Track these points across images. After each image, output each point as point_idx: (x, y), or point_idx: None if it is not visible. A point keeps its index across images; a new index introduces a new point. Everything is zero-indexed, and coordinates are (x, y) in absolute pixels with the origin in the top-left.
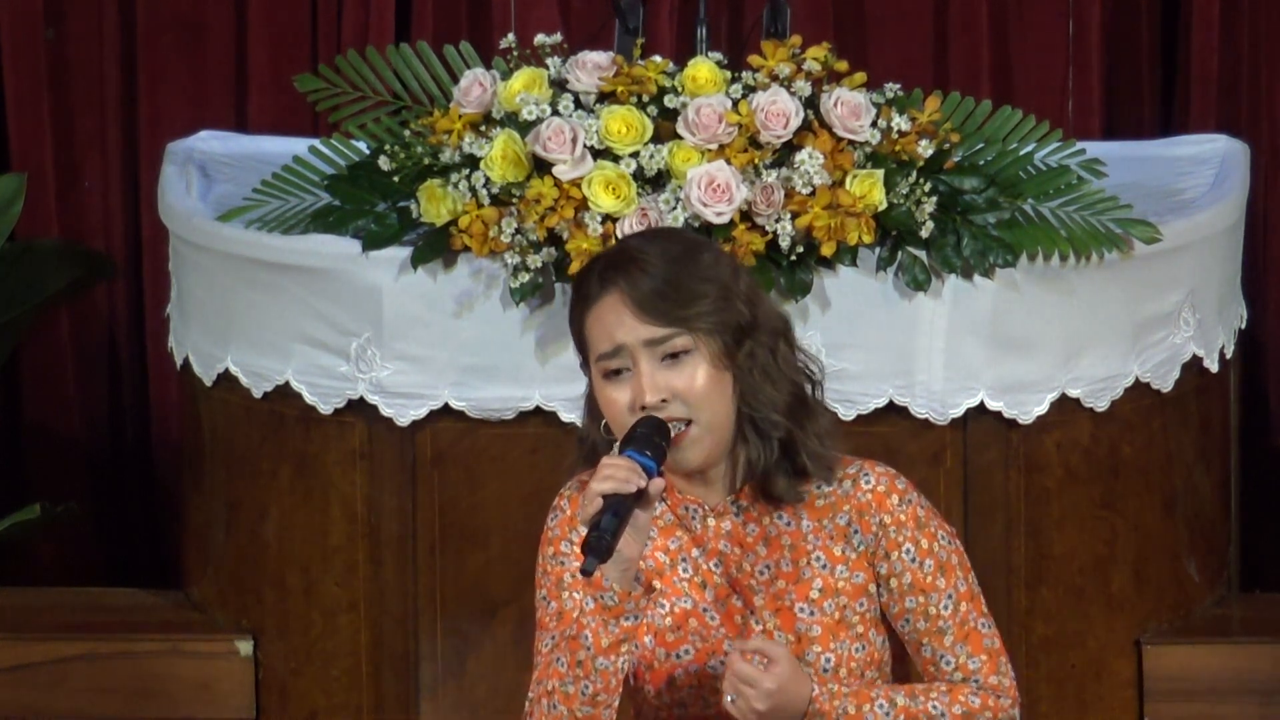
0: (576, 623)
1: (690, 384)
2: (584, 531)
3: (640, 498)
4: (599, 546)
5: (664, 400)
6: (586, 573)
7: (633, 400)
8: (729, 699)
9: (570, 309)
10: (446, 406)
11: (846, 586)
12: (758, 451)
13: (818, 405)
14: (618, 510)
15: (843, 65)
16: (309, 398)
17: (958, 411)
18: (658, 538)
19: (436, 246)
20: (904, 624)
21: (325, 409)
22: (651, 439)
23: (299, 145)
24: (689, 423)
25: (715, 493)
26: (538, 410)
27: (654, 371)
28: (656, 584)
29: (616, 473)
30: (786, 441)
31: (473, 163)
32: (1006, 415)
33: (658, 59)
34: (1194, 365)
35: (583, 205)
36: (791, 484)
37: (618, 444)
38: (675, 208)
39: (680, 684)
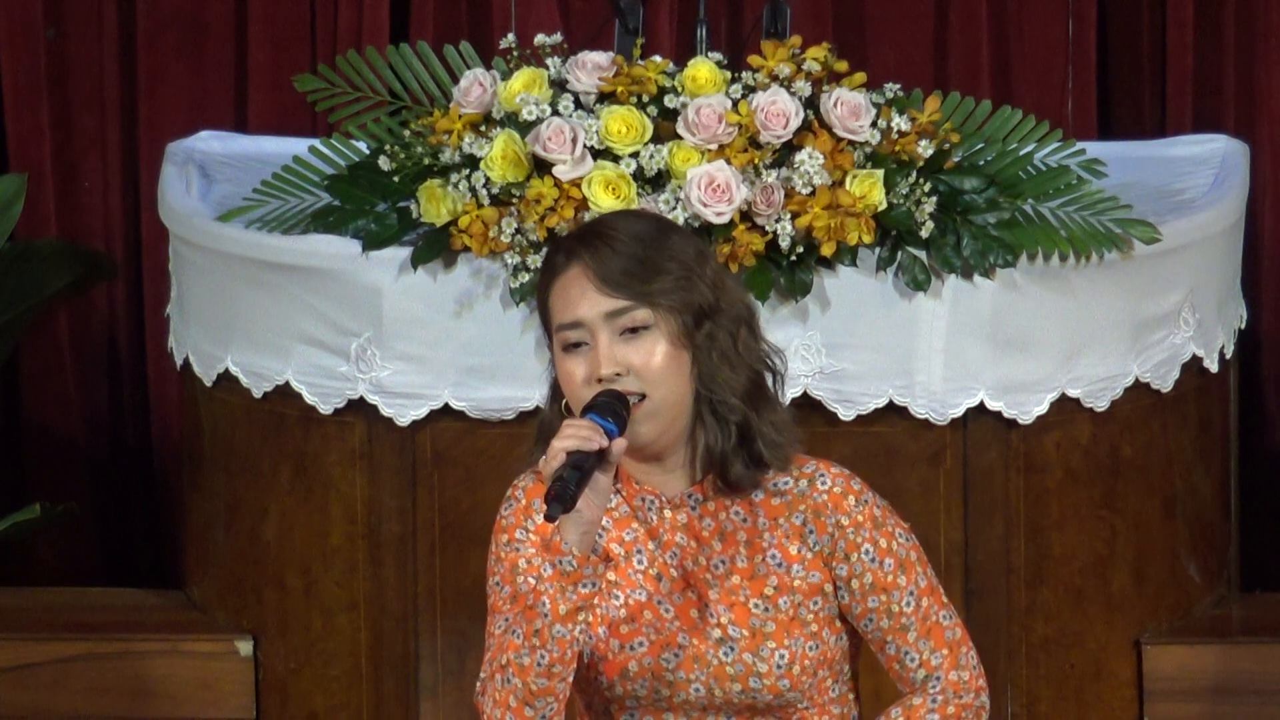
0: (534, 591)
1: (647, 359)
2: (544, 511)
3: (601, 457)
4: (563, 494)
5: (618, 374)
6: (550, 518)
7: (589, 373)
8: None
9: (538, 281)
10: (446, 406)
11: (802, 585)
12: (715, 436)
13: (776, 396)
14: (580, 464)
15: (843, 65)
16: (309, 398)
17: (958, 411)
18: (613, 529)
19: (436, 246)
20: (867, 623)
21: (325, 409)
22: (613, 406)
23: (299, 145)
24: (643, 397)
25: (673, 484)
26: (538, 410)
27: (612, 344)
28: (612, 575)
29: (579, 431)
30: (743, 427)
31: (473, 163)
32: (1006, 415)
33: (658, 59)
34: (1194, 365)
35: (583, 205)
36: (748, 472)
37: (580, 412)
38: (675, 208)
39: (634, 676)
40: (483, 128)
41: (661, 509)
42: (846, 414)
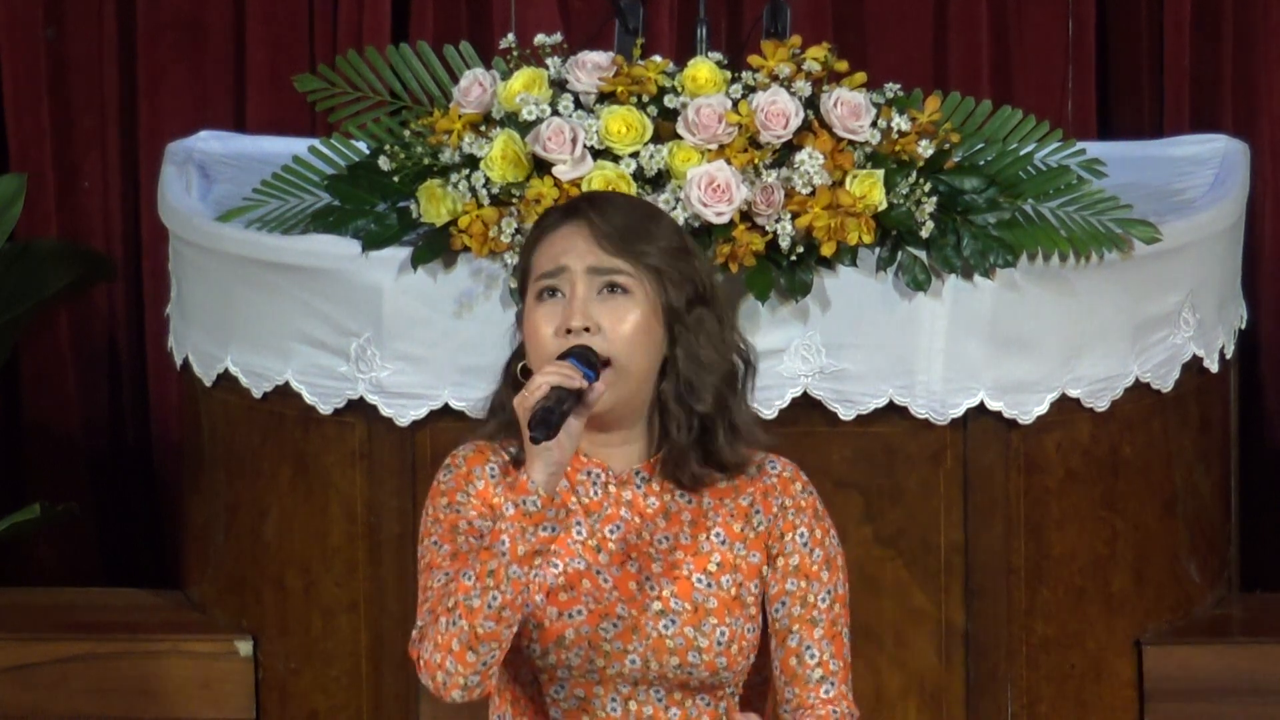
0: (493, 532)
1: (617, 324)
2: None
3: (579, 398)
4: (548, 420)
5: (587, 329)
6: (535, 441)
7: (559, 324)
8: None
9: (526, 240)
10: (446, 406)
11: (743, 565)
12: (676, 425)
13: (746, 391)
14: (562, 398)
15: (843, 65)
16: (309, 398)
17: (958, 411)
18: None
19: (436, 246)
20: (779, 607)
21: (325, 409)
22: (586, 356)
23: (299, 145)
24: (607, 362)
25: (621, 459)
26: None
27: (589, 299)
28: (551, 545)
29: (561, 369)
30: (707, 419)
31: (473, 163)
32: (1006, 415)
33: (658, 59)
34: (1194, 365)
35: None
36: (701, 470)
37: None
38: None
39: (569, 644)
40: (483, 128)
41: (607, 483)
42: (846, 414)
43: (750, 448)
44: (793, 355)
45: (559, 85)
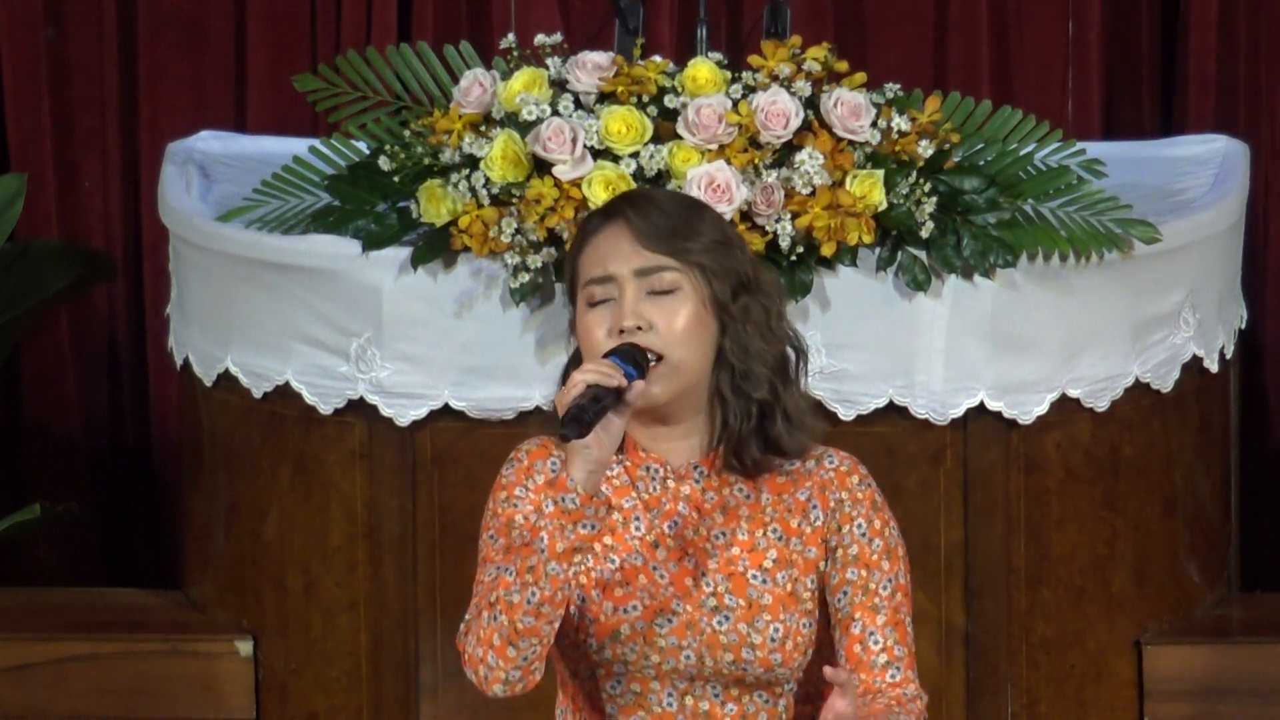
0: (533, 529)
1: (670, 320)
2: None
3: (619, 396)
4: (580, 417)
5: (639, 328)
6: (564, 439)
7: (611, 325)
8: None
9: (571, 246)
10: (446, 406)
11: (800, 560)
12: (735, 414)
13: (799, 378)
14: (599, 397)
15: (843, 65)
16: (309, 398)
17: (958, 412)
18: (611, 495)
19: (436, 246)
20: (840, 596)
21: (325, 409)
22: (633, 355)
23: (299, 145)
24: (661, 358)
25: (680, 453)
26: (538, 410)
27: (638, 300)
28: (608, 540)
29: (600, 367)
30: (765, 406)
31: (473, 163)
32: (1006, 415)
33: (658, 59)
34: (1194, 365)
35: (583, 205)
36: (763, 456)
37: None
38: None
39: (625, 639)
40: (483, 128)
41: (665, 478)
42: (846, 414)
43: (808, 435)
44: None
45: (559, 85)
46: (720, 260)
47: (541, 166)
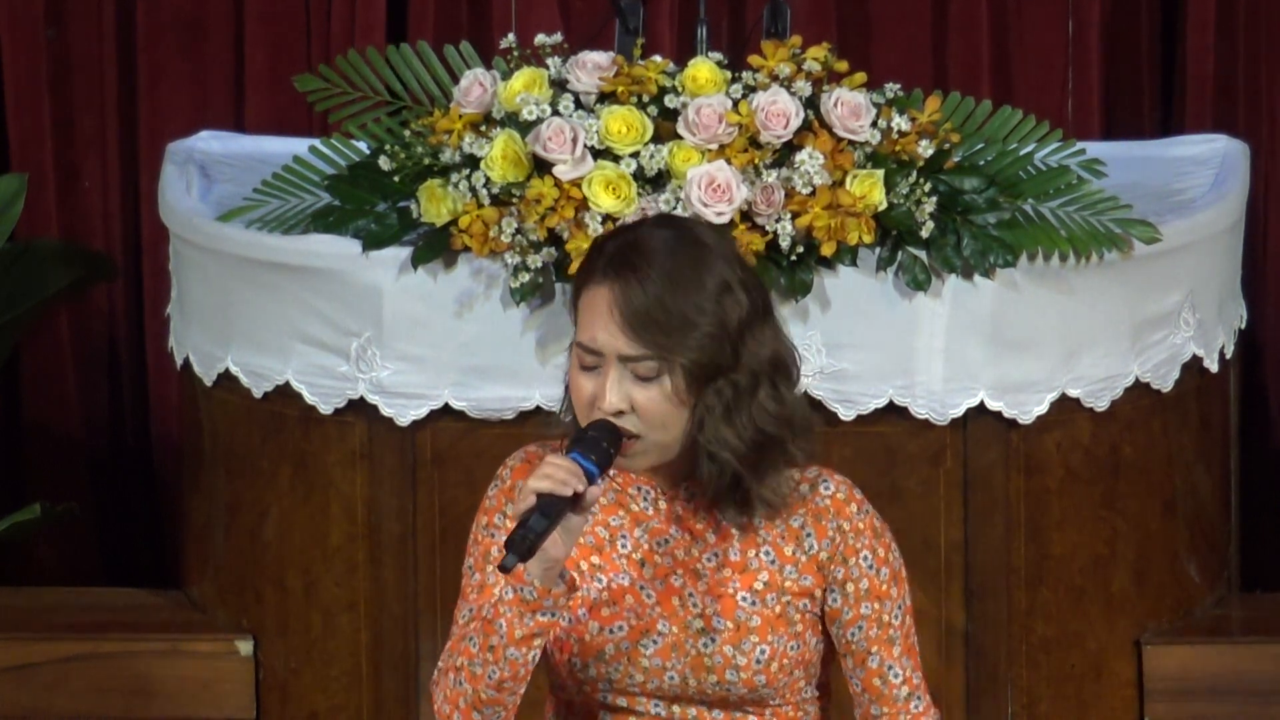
0: (494, 608)
1: (649, 404)
2: (511, 526)
3: (575, 502)
4: (521, 546)
5: (621, 411)
6: (504, 569)
7: (594, 397)
8: None
9: (576, 273)
10: (446, 406)
11: (793, 586)
12: (710, 474)
13: (783, 458)
14: (548, 510)
15: (843, 65)
16: (309, 398)
17: (958, 411)
18: (599, 513)
19: (436, 246)
20: (855, 631)
21: (325, 409)
22: (600, 444)
23: (299, 145)
24: (638, 437)
25: (671, 478)
26: (538, 410)
27: (621, 380)
28: (595, 559)
29: (556, 473)
30: (738, 477)
31: (473, 163)
32: (1006, 415)
33: (658, 59)
34: (1194, 365)
35: (583, 205)
36: (738, 515)
37: (567, 442)
38: (675, 208)
39: (610, 659)
40: (483, 128)
41: (657, 499)
42: (846, 414)
43: (790, 488)
44: None
45: (559, 85)
46: (699, 352)
47: (542, 166)
